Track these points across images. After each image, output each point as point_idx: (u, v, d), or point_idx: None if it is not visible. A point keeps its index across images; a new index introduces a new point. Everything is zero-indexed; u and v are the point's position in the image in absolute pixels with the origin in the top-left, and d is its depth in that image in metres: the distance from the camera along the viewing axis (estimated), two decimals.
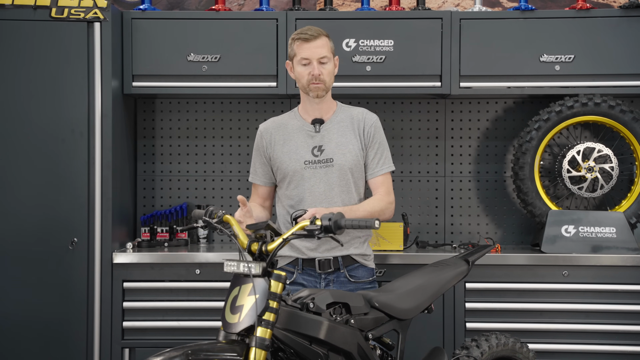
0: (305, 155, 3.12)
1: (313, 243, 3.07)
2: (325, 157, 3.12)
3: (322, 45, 3.08)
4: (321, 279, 3.12)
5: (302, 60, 3.08)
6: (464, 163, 4.35)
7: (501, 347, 3.17)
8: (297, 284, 3.11)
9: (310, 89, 3.09)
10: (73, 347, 3.76)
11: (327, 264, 3.10)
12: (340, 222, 2.46)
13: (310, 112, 3.18)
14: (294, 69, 3.14)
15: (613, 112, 3.94)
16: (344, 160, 3.12)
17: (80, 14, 3.75)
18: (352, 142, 3.15)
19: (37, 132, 3.76)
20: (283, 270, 3.06)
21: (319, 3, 4.53)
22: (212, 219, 2.66)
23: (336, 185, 3.12)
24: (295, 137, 3.16)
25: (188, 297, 3.80)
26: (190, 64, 3.96)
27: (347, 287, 3.11)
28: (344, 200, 3.13)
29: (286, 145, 3.15)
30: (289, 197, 3.14)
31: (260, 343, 2.35)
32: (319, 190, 3.11)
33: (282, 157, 3.14)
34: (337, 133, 3.15)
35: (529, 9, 3.97)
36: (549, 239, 3.85)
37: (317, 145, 3.13)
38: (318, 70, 3.06)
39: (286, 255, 3.13)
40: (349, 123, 3.18)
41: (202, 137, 4.37)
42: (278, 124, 3.22)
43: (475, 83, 3.97)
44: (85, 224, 3.76)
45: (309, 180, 3.11)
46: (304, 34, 3.08)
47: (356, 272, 3.16)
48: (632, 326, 3.73)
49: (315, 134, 3.14)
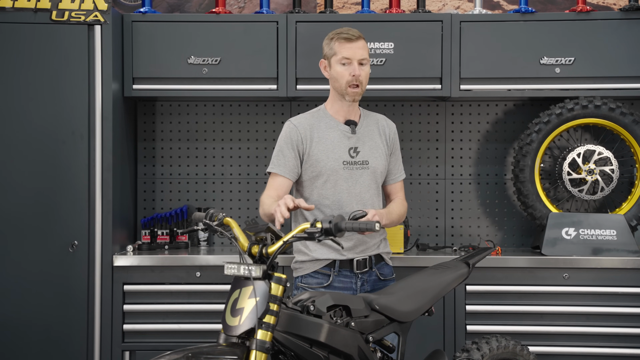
0: (343, 156, 3.11)
1: (350, 243, 3.07)
2: (361, 159, 3.13)
3: (363, 47, 3.08)
4: (357, 279, 3.12)
5: (343, 60, 3.06)
6: (464, 165, 4.36)
7: (502, 349, 3.17)
8: (333, 287, 3.09)
9: (348, 92, 3.08)
10: (73, 350, 3.76)
11: (363, 264, 3.12)
12: (340, 225, 2.46)
13: (341, 113, 3.16)
14: (332, 67, 3.11)
15: (613, 114, 3.94)
16: (377, 164, 3.15)
17: (80, 17, 3.75)
18: (380, 147, 3.18)
19: (38, 134, 3.76)
20: (319, 273, 3.08)
21: (319, 6, 4.54)
22: (212, 222, 2.65)
23: (370, 187, 3.14)
24: (331, 136, 3.12)
25: (188, 299, 3.80)
26: (190, 66, 3.96)
27: (378, 285, 3.14)
28: (374, 202, 3.16)
29: (322, 143, 3.11)
30: (324, 196, 3.10)
31: (261, 346, 2.35)
32: (355, 192, 3.11)
33: (319, 154, 3.09)
34: (368, 136, 3.17)
35: (529, 12, 3.97)
36: (550, 241, 3.85)
37: (353, 147, 3.13)
38: (359, 71, 3.05)
39: (323, 259, 3.10)
40: (375, 128, 3.21)
41: (203, 140, 4.37)
42: (310, 120, 3.16)
43: (475, 85, 3.97)
44: (86, 227, 3.76)
45: (346, 181, 3.10)
46: (346, 33, 3.08)
47: (383, 270, 3.19)
48: (633, 329, 3.73)
49: (351, 135, 3.13)
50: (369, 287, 3.13)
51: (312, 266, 3.11)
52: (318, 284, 3.08)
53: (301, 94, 3.98)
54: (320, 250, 3.10)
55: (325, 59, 3.15)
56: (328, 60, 3.13)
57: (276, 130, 4.34)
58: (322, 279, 3.09)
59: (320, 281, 3.09)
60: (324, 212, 3.09)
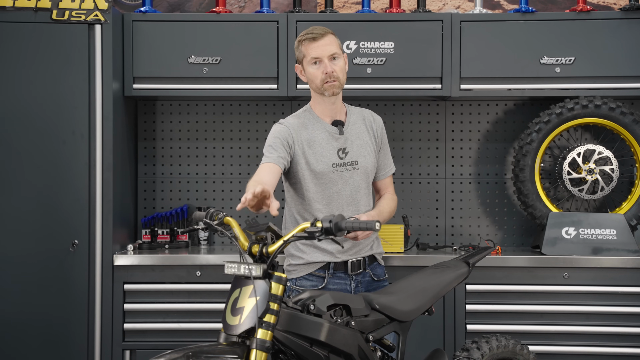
0: (333, 158, 3.09)
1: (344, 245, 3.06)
2: (350, 159, 3.11)
3: (330, 43, 3.05)
4: (351, 280, 3.11)
5: (313, 60, 3.04)
6: (464, 165, 4.36)
7: (502, 348, 3.17)
8: (327, 289, 3.08)
9: (325, 88, 3.04)
10: (74, 349, 3.77)
11: (358, 265, 3.12)
12: (340, 224, 2.46)
13: (327, 112, 3.13)
14: (305, 70, 3.09)
15: (613, 114, 3.94)
16: (366, 163, 3.13)
17: (81, 16, 3.75)
18: (369, 144, 3.16)
19: (38, 133, 3.76)
20: (313, 276, 3.08)
21: (319, 5, 4.54)
22: (212, 221, 2.65)
23: (361, 187, 3.13)
24: (320, 139, 3.10)
25: (189, 299, 3.80)
26: (190, 66, 3.96)
27: (372, 286, 3.13)
28: (366, 201, 3.15)
29: (312, 146, 3.08)
30: (315, 200, 3.09)
31: (261, 345, 2.35)
32: (346, 193, 3.10)
33: (310, 158, 3.08)
34: (356, 135, 3.15)
35: (530, 11, 3.97)
36: (550, 241, 3.85)
37: (341, 148, 3.11)
38: (331, 67, 3.02)
39: (317, 262, 3.09)
40: (362, 124, 3.18)
41: (203, 139, 4.38)
42: (299, 122, 3.13)
43: (475, 85, 3.97)
44: (86, 226, 3.76)
45: (336, 184, 3.09)
46: (310, 33, 3.05)
47: (376, 270, 3.19)
48: (632, 328, 3.73)
49: (339, 136, 3.11)
50: (363, 288, 3.12)
51: (306, 269, 3.10)
52: (312, 286, 3.07)
53: (301, 94, 3.98)
54: (314, 253, 3.09)
55: (298, 64, 3.13)
56: (301, 64, 3.11)
57: None
58: (317, 282, 3.08)
59: (315, 284, 3.08)
60: (314, 214, 3.07)
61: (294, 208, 3.14)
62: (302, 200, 3.11)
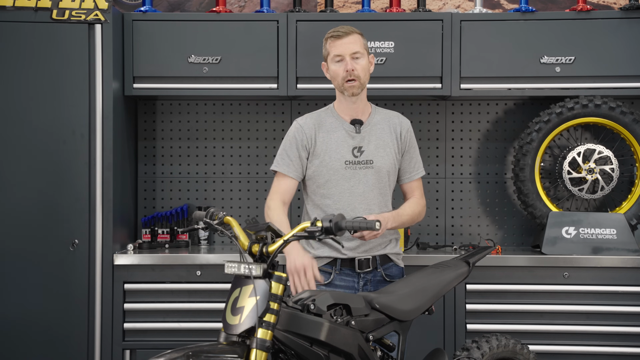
0: (346, 155, 3.11)
1: (352, 243, 3.07)
2: (365, 158, 3.12)
3: (354, 42, 3.07)
4: (359, 279, 3.12)
5: (335, 58, 3.07)
6: (464, 164, 4.36)
7: (502, 348, 3.17)
8: (334, 285, 3.10)
9: (345, 87, 3.07)
10: (74, 349, 3.77)
11: (366, 263, 3.11)
12: (340, 224, 2.46)
13: (347, 111, 3.15)
14: (329, 68, 3.13)
15: (613, 113, 3.94)
16: (382, 163, 3.13)
17: (81, 16, 3.76)
18: (389, 145, 3.16)
19: (38, 133, 3.76)
20: (320, 270, 3.07)
21: (319, 5, 4.54)
22: (212, 221, 2.66)
23: (375, 187, 3.13)
24: (335, 136, 3.12)
25: (189, 298, 3.80)
26: (191, 65, 3.96)
27: (382, 286, 3.12)
28: (380, 202, 3.14)
29: (326, 143, 3.11)
30: (326, 196, 3.11)
31: (261, 344, 2.35)
32: (358, 191, 3.10)
33: (323, 155, 3.10)
34: (375, 135, 3.15)
35: (530, 11, 3.97)
36: (550, 240, 3.85)
37: (357, 146, 3.12)
38: (351, 65, 3.04)
39: (324, 257, 3.12)
40: (386, 126, 3.19)
41: (203, 139, 4.38)
42: (316, 120, 3.16)
43: (475, 85, 3.97)
44: (86, 226, 3.77)
45: (348, 181, 3.10)
46: (336, 32, 3.09)
47: (390, 270, 3.18)
48: (633, 327, 3.73)
49: (355, 134, 3.12)
50: (372, 287, 3.12)
51: None
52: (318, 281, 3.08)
53: (301, 93, 3.99)
54: (322, 248, 3.11)
55: (324, 62, 3.16)
56: (326, 62, 3.14)
57: (277, 129, 4.34)
58: (324, 276, 3.08)
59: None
60: (325, 212, 3.09)
61: (309, 201, 3.18)
62: (315, 195, 3.14)
